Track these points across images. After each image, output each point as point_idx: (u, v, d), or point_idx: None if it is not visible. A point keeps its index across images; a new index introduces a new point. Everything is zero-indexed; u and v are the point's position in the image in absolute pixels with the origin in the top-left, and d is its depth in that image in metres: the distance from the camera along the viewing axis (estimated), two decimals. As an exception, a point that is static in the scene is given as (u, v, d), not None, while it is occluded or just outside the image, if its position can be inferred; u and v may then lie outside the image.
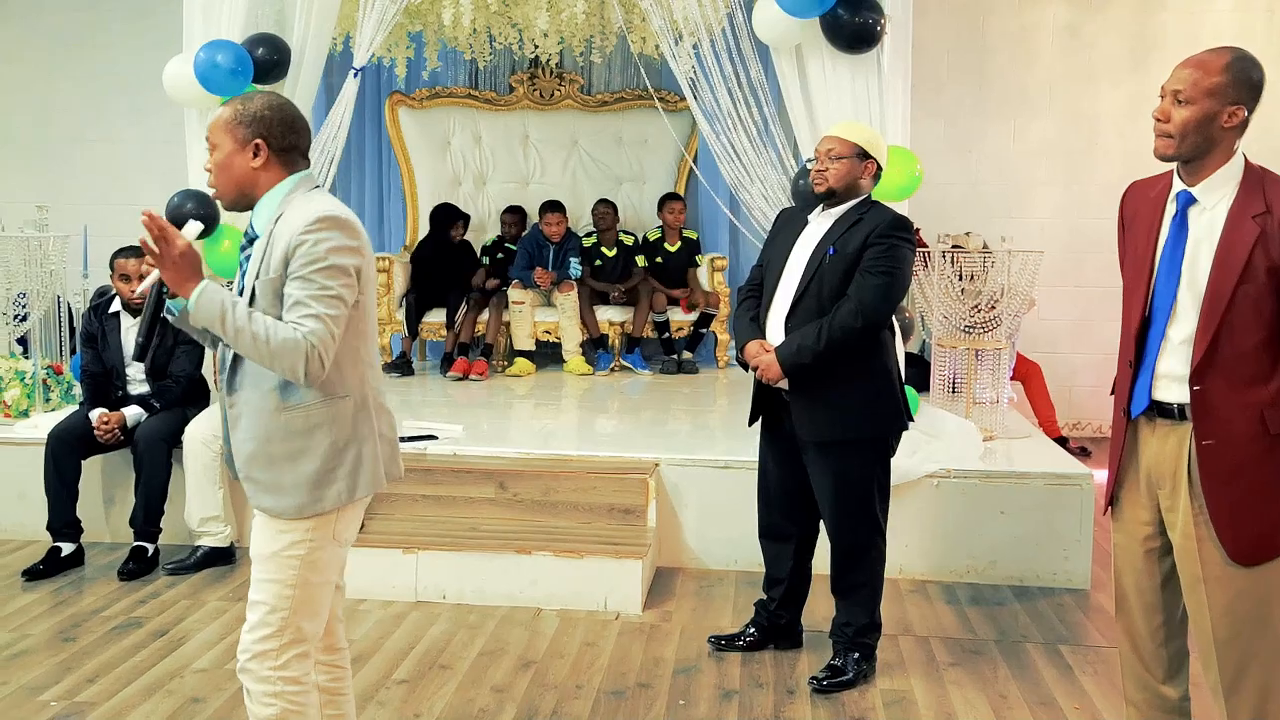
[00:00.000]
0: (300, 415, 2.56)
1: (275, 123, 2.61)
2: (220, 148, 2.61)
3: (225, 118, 2.61)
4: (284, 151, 2.62)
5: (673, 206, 7.80)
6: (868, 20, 5.00)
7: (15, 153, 8.64)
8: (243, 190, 2.63)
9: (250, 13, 5.61)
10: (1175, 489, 2.72)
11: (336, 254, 2.49)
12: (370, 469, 2.64)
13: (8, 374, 5.82)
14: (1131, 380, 2.77)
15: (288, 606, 2.59)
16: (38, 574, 4.96)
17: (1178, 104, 2.63)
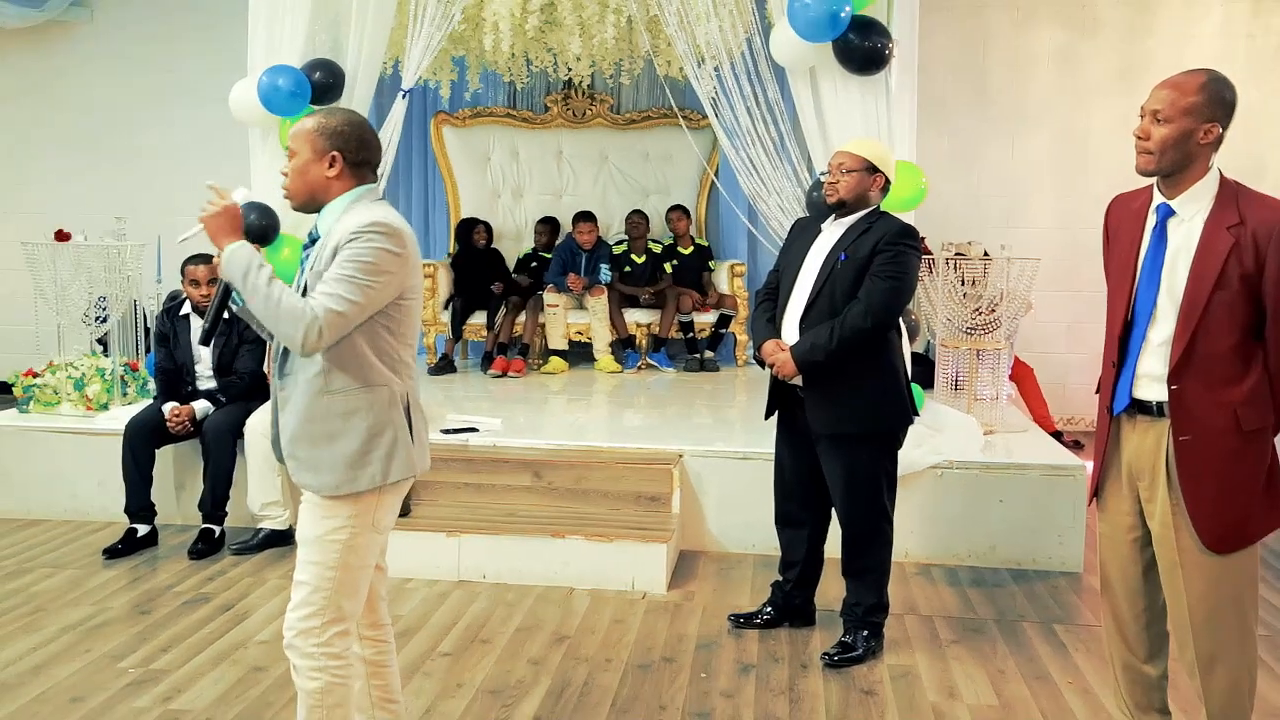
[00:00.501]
0: (340, 399, 2.58)
1: (352, 138, 2.65)
2: (299, 154, 2.65)
3: (308, 128, 2.65)
4: (356, 165, 2.66)
5: (670, 215, 7.88)
6: (877, 44, 4.97)
7: (97, 169, 8.70)
8: (313, 195, 2.67)
9: (308, 39, 5.64)
10: (1154, 481, 2.71)
11: (376, 254, 2.51)
12: (404, 456, 2.63)
13: (89, 371, 5.86)
14: (1114, 380, 2.77)
15: (329, 587, 2.60)
16: (116, 553, 5.00)
17: (1157, 122, 2.62)
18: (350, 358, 2.58)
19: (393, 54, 6.52)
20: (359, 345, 2.58)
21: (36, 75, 8.78)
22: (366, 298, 2.51)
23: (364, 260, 2.50)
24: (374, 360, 2.60)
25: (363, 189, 2.67)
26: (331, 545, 2.60)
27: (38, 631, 4.12)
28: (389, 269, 2.53)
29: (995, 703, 3.61)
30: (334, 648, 2.62)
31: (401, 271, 2.56)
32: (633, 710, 3.52)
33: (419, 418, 2.73)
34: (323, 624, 2.61)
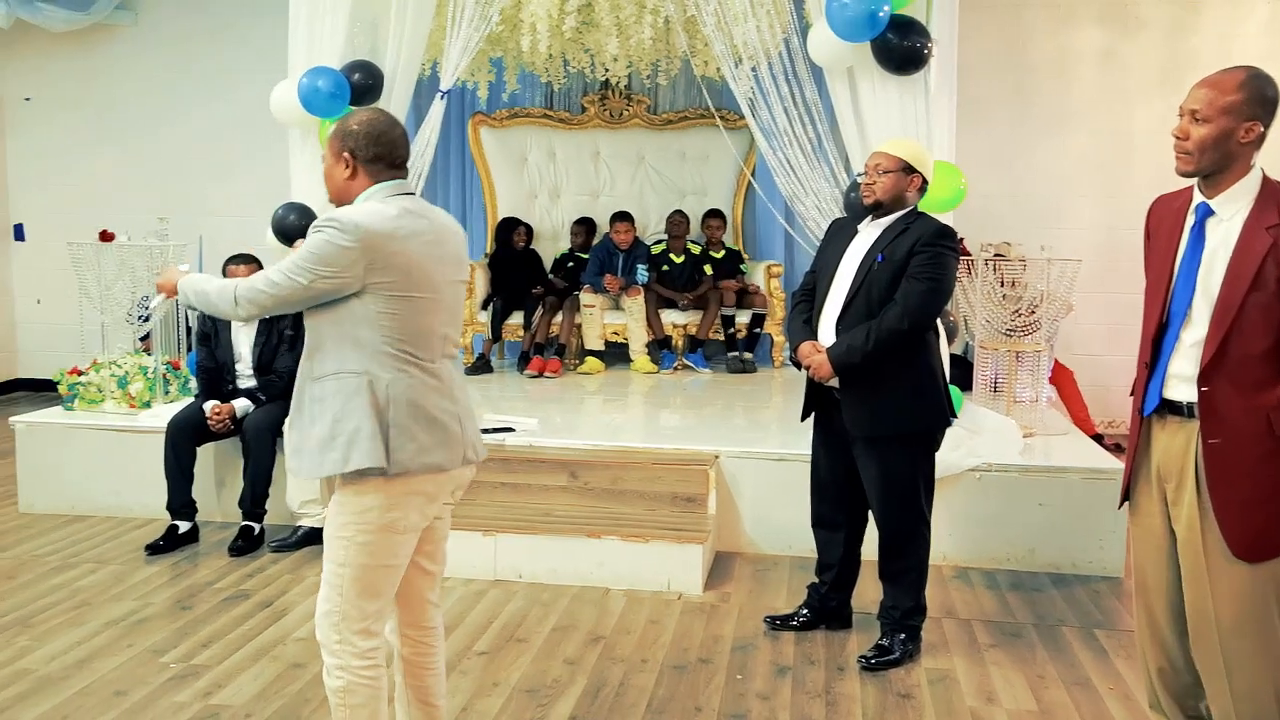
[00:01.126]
0: (318, 386, 2.62)
1: (361, 137, 2.66)
2: (326, 159, 2.72)
3: (330, 132, 2.73)
4: (370, 163, 2.67)
5: (709, 222, 7.87)
6: (916, 44, 4.94)
7: (140, 170, 8.82)
8: (339, 197, 2.72)
9: (348, 41, 5.69)
10: (1181, 484, 2.68)
11: (320, 245, 2.52)
12: (366, 446, 2.54)
13: (132, 369, 5.94)
14: (1146, 380, 2.73)
15: (343, 585, 2.62)
16: (158, 549, 5.06)
17: (1195, 122, 2.59)
18: (326, 347, 2.62)
19: (431, 55, 6.56)
20: (331, 334, 2.61)
21: (81, 78, 8.91)
22: (304, 279, 2.53)
23: (308, 249, 2.54)
24: (348, 351, 2.59)
25: (378, 187, 2.67)
26: (341, 542, 2.62)
27: (82, 626, 4.18)
28: (332, 260, 2.51)
29: (1035, 708, 3.58)
30: (354, 646, 2.62)
31: (354, 265, 2.51)
32: (668, 711, 3.52)
33: (405, 411, 2.60)
34: (340, 622, 2.63)
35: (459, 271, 2.79)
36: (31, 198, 9.14)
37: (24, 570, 4.81)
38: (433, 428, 2.64)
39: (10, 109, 9.10)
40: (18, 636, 4.07)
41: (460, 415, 2.74)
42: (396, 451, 2.58)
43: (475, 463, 2.81)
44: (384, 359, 2.59)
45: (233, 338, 5.37)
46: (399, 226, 2.59)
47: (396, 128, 2.72)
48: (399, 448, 2.58)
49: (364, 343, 2.59)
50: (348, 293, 2.56)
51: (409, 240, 2.59)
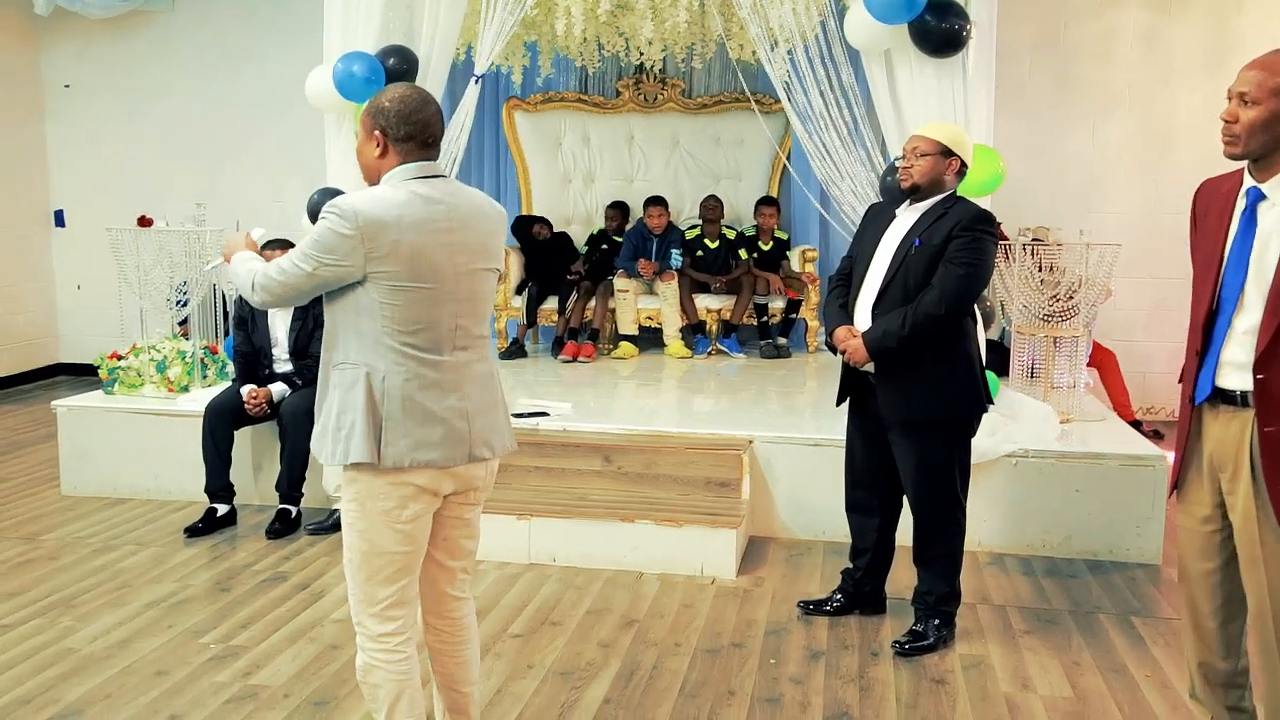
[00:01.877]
0: (330, 374, 2.63)
1: (393, 115, 2.60)
2: (359, 137, 2.69)
3: (362, 110, 2.69)
4: (400, 142, 2.61)
5: (762, 210, 7.81)
6: (954, 26, 4.91)
7: (179, 156, 8.91)
8: (369, 176, 2.68)
9: (382, 26, 5.71)
10: (1237, 473, 2.64)
11: (322, 232, 2.51)
12: (361, 441, 2.54)
13: (171, 354, 6.01)
14: (1197, 368, 2.70)
15: (352, 569, 2.66)
16: (197, 531, 5.14)
17: (1244, 105, 2.55)
18: (336, 335, 2.63)
19: (465, 40, 6.58)
20: (339, 323, 2.61)
21: (120, 64, 9.01)
22: (308, 266, 2.53)
23: (313, 236, 2.53)
24: (352, 341, 2.59)
25: (402, 168, 2.62)
26: (347, 529, 2.66)
27: (123, 607, 4.25)
28: (333, 248, 2.50)
29: (1070, 694, 3.57)
30: (368, 630, 2.66)
31: (353, 253, 2.49)
32: (701, 695, 3.55)
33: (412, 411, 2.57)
34: (357, 604, 2.67)
35: (483, 259, 2.69)
36: (71, 184, 9.26)
37: (66, 552, 4.90)
38: (429, 423, 2.58)
39: (50, 96, 9.22)
40: (61, 617, 4.15)
41: (469, 411, 2.65)
42: (388, 446, 2.55)
43: (489, 459, 2.73)
44: (383, 351, 2.56)
45: (269, 322, 5.43)
46: (403, 214, 2.52)
47: (429, 106, 2.65)
48: (391, 443, 2.55)
49: (365, 333, 2.57)
50: (351, 281, 2.54)
51: (413, 229, 2.53)
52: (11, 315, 8.99)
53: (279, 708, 3.44)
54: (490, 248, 2.73)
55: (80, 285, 9.28)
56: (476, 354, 2.70)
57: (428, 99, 2.67)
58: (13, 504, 5.64)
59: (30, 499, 5.73)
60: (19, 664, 3.73)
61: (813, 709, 3.46)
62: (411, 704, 2.69)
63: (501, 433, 2.77)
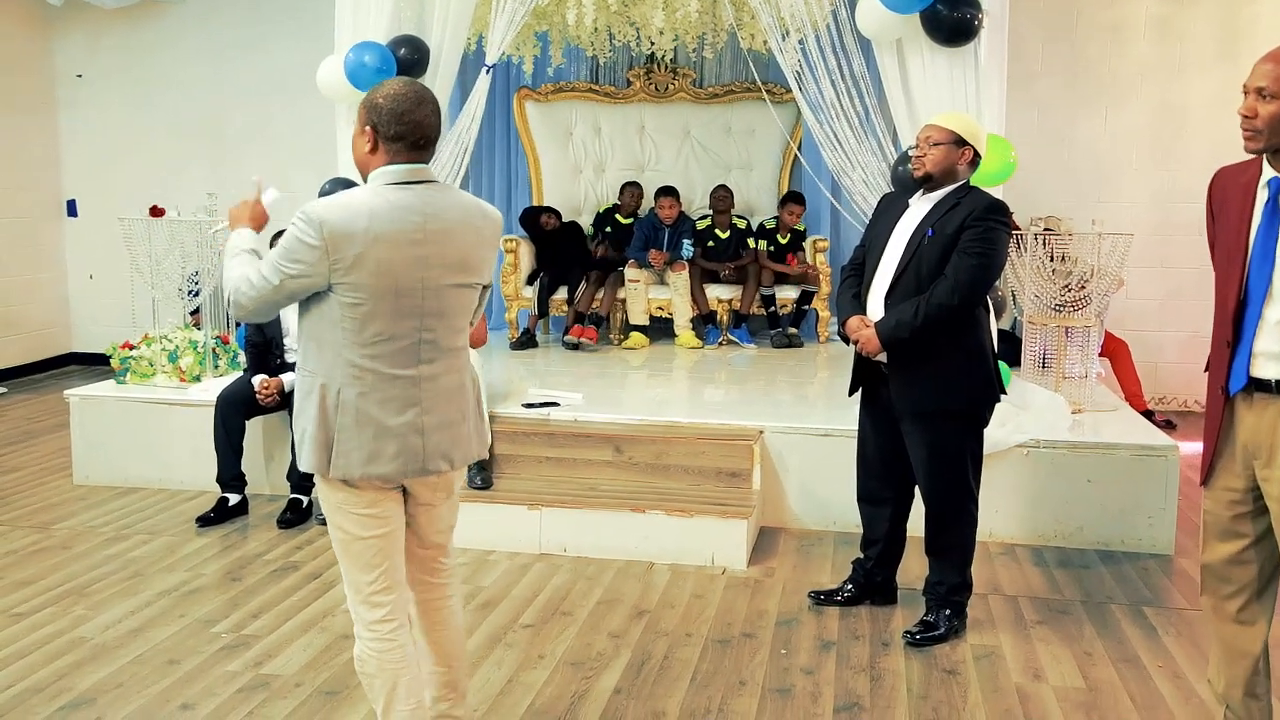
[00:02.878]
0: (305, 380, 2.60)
1: (385, 111, 2.52)
2: (354, 126, 2.61)
3: (361, 100, 2.61)
4: (390, 140, 2.53)
5: (791, 208, 7.71)
6: (966, 15, 4.88)
7: (190, 146, 8.91)
8: (360, 169, 2.60)
9: (394, 16, 5.71)
10: (1272, 458, 2.64)
11: (289, 240, 2.45)
12: (310, 450, 2.55)
13: (182, 344, 6.02)
14: (1229, 359, 2.68)
15: (340, 559, 2.69)
16: (209, 521, 5.14)
17: (1262, 99, 2.53)
18: (301, 341, 2.61)
19: (476, 30, 6.57)
20: (303, 330, 2.59)
21: (132, 54, 9.01)
22: (275, 279, 2.48)
23: (281, 245, 2.48)
24: (312, 350, 2.56)
25: (386, 170, 2.54)
26: (329, 520, 2.69)
27: (135, 595, 4.26)
28: (300, 257, 2.44)
29: (1082, 685, 3.56)
30: (361, 617, 2.68)
31: (319, 262, 2.43)
32: (712, 685, 3.54)
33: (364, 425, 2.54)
34: (349, 594, 2.70)
35: (461, 274, 2.60)
36: (84, 174, 9.27)
37: (79, 541, 4.91)
38: (382, 438, 2.55)
39: (63, 86, 9.23)
40: (74, 606, 4.16)
41: (426, 426, 2.59)
42: (339, 458, 2.54)
43: (445, 472, 2.69)
44: (341, 363, 2.52)
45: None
46: (372, 225, 2.44)
47: (425, 105, 2.55)
48: (341, 454, 2.54)
49: (325, 344, 2.53)
50: (317, 290, 2.49)
51: (381, 240, 2.45)
52: (24, 305, 9.01)
53: (290, 697, 3.44)
54: (471, 261, 2.63)
55: (92, 275, 9.30)
56: (445, 366, 2.64)
57: (424, 98, 2.57)
58: (25, 493, 5.65)
59: (43, 488, 5.74)
60: (32, 652, 3.74)
61: (824, 699, 3.45)
62: (408, 692, 2.69)
63: (465, 444, 2.71)
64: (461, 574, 4.46)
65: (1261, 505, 2.71)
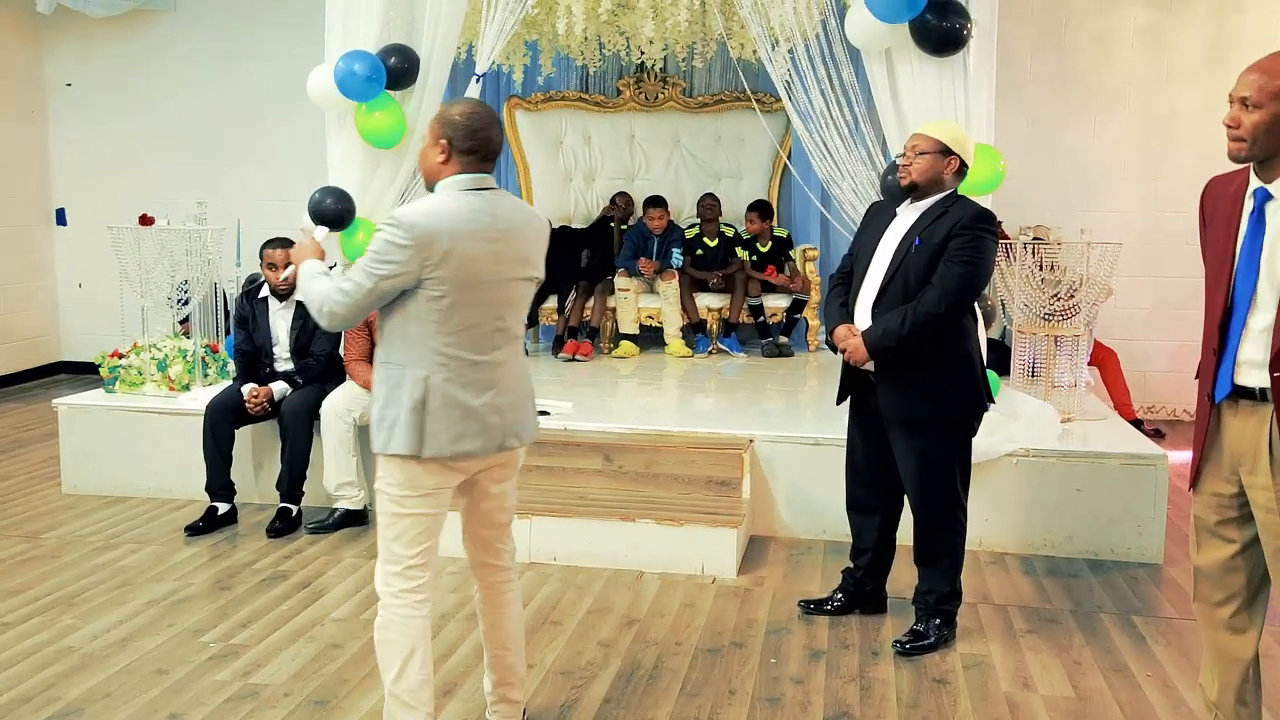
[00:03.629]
0: (381, 371, 2.85)
1: (461, 128, 2.82)
2: (424, 139, 2.90)
3: (434, 115, 2.93)
4: (463, 154, 2.83)
5: (748, 215, 7.73)
6: (954, 25, 4.90)
7: (180, 154, 8.91)
8: (429, 178, 2.89)
9: (384, 25, 5.70)
10: (1256, 466, 2.66)
11: (381, 244, 2.71)
12: (403, 435, 2.78)
13: (172, 352, 6.00)
14: (1215, 367, 2.70)
15: (384, 531, 2.88)
16: (198, 530, 5.13)
17: (1246, 109, 2.56)
18: (385, 337, 2.84)
19: (467, 38, 6.57)
20: (388, 325, 2.83)
21: (122, 63, 9.00)
22: (369, 283, 2.73)
23: (371, 250, 2.73)
24: (397, 344, 2.81)
25: (458, 178, 2.83)
26: (382, 496, 2.88)
27: (124, 605, 4.25)
28: (392, 258, 2.70)
29: (1071, 694, 3.56)
30: (391, 587, 2.86)
31: (410, 261, 2.70)
32: (702, 694, 3.54)
33: (442, 400, 2.80)
34: (383, 563, 2.88)
35: (524, 268, 2.92)
36: (73, 182, 9.25)
37: (68, 550, 4.89)
38: (467, 418, 2.83)
39: (52, 94, 9.21)
40: (62, 615, 4.14)
41: (503, 406, 2.90)
42: (430, 439, 2.79)
43: (517, 448, 2.99)
44: (428, 353, 2.78)
45: (270, 321, 5.42)
46: (454, 225, 2.74)
47: (495, 125, 2.88)
48: (433, 434, 2.79)
49: (412, 338, 2.79)
50: (406, 288, 2.75)
51: (463, 238, 2.74)
52: (13, 313, 8.98)
53: (279, 706, 3.43)
54: (532, 257, 2.96)
55: (81, 284, 9.27)
56: (513, 351, 2.95)
57: (494, 117, 2.90)
58: (14, 502, 5.63)
59: (31, 497, 5.72)
60: (19, 662, 3.73)
61: (813, 708, 3.45)
62: (423, 661, 2.88)
63: (530, 423, 3.03)
64: (452, 583, 4.47)
65: (1248, 512, 2.72)
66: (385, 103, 5.70)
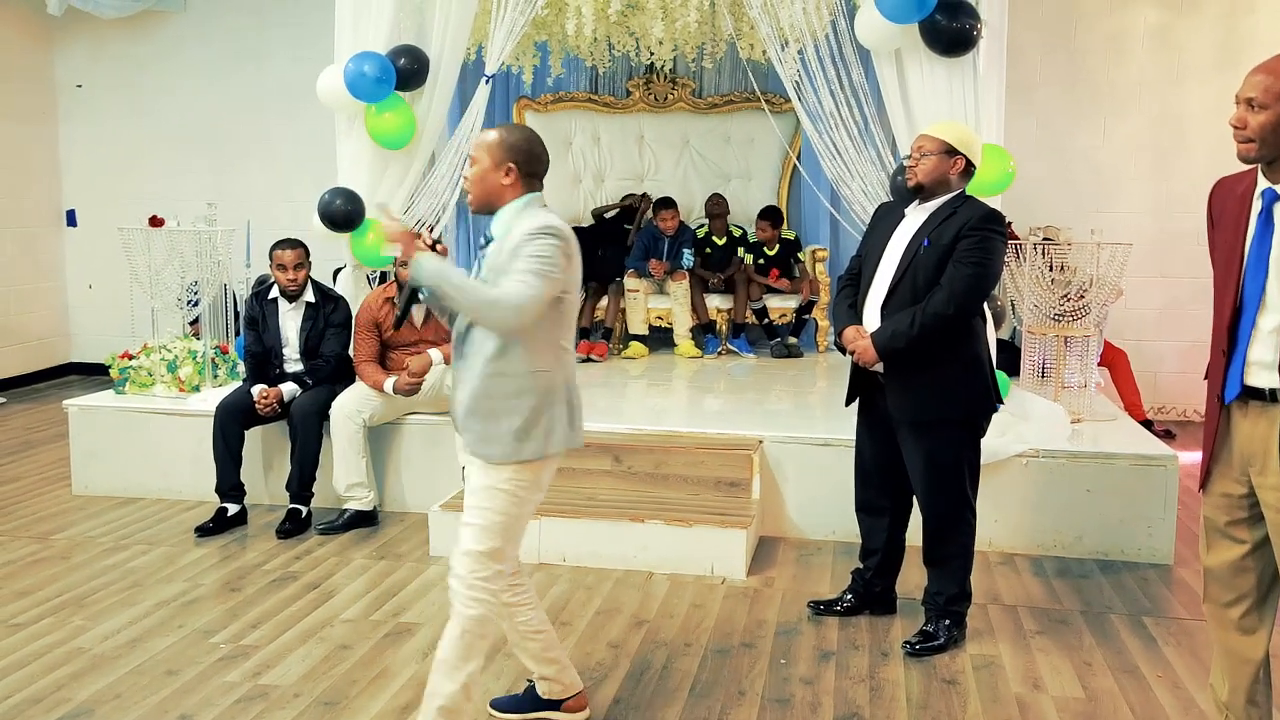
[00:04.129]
0: (511, 381, 2.94)
1: (525, 153, 3.01)
2: (480, 163, 3.00)
3: (492, 140, 3.01)
4: (527, 176, 3.00)
5: (759, 224, 7.71)
6: (964, 25, 4.90)
7: (190, 156, 8.94)
8: (489, 200, 3.01)
9: (393, 25, 5.73)
10: (1265, 466, 2.66)
11: (552, 251, 2.87)
12: (561, 432, 3.01)
13: (182, 353, 6.02)
14: (1224, 368, 2.70)
15: (494, 529, 2.96)
16: (208, 531, 5.15)
17: (1252, 109, 2.56)
18: (523, 344, 2.94)
19: (476, 39, 6.59)
20: (537, 334, 2.95)
21: (132, 64, 9.04)
22: (549, 286, 2.87)
23: (543, 256, 2.86)
24: (541, 348, 2.97)
25: (530, 196, 3.01)
26: (499, 495, 2.96)
27: (134, 606, 4.26)
28: (559, 264, 2.88)
29: (1081, 695, 3.56)
30: (493, 585, 2.99)
31: (568, 269, 2.91)
32: (711, 695, 3.54)
33: (577, 400, 3.10)
34: (487, 560, 2.97)
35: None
36: (83, 184, 9.29)
37: (78, 551, 4.92)
38: (573, 409, 3.08)
39: (63, 96, 9.25)
40: (72, 616, 4.16)
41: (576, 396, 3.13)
42: (552, 435, 2.99)
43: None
44: (552, 350, 3.00)
45: (280, 322, 5.44)
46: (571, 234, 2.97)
47: (546, 149, 3.09)
48: (552, 431, 3.00)
49: (539, 339, 2.96)
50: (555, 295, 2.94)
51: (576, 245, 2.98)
52: (23, 315, 9.02)
53: (289, 708, 3.44)
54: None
55: (92, 285, 9.31)
56: None
57: (543, 142, 3.10)
58: (24, 503, 5.66)
59: (41, 498, 5.75)
60: (30, 663, 3.75)
61: (823, 709, 3.45)
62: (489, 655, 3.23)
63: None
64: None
65: (1258, 513, 2.72)
66: (395, 104, 5.72)
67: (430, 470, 5.40)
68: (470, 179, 3.02)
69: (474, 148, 3.04)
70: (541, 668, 3.29)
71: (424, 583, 4.53)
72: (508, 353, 2.93)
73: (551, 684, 3.32)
